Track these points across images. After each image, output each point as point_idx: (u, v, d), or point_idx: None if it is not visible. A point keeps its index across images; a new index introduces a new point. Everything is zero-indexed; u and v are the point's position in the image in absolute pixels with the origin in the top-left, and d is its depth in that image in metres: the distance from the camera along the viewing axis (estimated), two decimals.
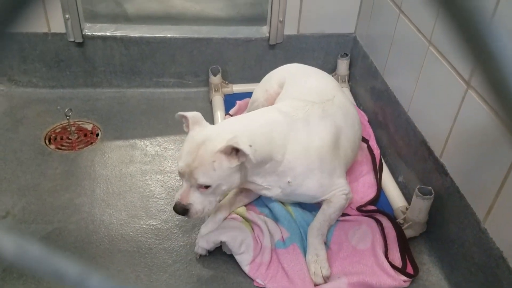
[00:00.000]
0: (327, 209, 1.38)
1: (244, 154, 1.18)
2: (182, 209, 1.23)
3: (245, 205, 1.46)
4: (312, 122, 1.36)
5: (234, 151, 1.20)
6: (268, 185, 1.34)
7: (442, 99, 1.36)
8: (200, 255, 1.35)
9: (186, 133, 1.29)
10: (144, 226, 1.46)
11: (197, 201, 1.23)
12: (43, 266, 0.25)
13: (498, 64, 0.23)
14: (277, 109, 1.39)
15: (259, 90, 1.68)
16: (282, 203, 1.45)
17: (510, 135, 1.08)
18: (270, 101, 1.62)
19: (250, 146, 1.19)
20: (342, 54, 2.07)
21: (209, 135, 1.22)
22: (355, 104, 1.95)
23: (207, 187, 1.21)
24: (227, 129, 1.26)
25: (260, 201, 1.48)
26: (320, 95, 1.47)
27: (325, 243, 1.36)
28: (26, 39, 1.93)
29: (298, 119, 1.35)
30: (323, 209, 1.38)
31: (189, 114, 1.29)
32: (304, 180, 1.34)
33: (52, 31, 1.92)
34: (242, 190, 1.44)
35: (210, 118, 1.91)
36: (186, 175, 1.21)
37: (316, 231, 1.33)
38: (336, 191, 1.39)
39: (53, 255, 0.25)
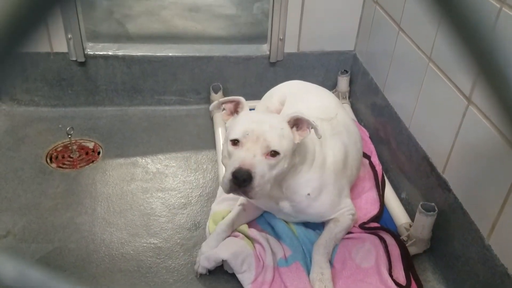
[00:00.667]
0: (334, 227, 1.37)
1: (307, 130, 1.19)
2: (247, 175, 1.09)
3: (247, 223, 1.44)
4: (324, 137, 1.37)
5: (295, 127, 1.21)
6: (285, 197, 1.32)
7: (443, 115, 1.36)
8: (201, 274, 1.33)
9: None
10: (144, 244, 1.45)
11: (261, 172, 1.11)
12: None
13: (500, 77, 0.23)
14: None
15: (260, 107, 1.69)
16: (285, 221, 1.44)
17: None
18: None
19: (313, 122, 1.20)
20: (342, 71, 2.08)
21: (267, 113, 1.26)
22: (356, 120, 1.96)
23: (274, 155, 1.14)
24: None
25: (262, 218, 1.47)
26: (324, 112, 1.48)
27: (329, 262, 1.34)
28: (28, 59, 1.95)
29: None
30: (329, 227, 1.37)
31: (239, 97, 1.28)
32: (319, 195, 1.33)
33: (55, 50, 1.94)
34: (245, 208, 1.43)
35: (211, 135, 1.92)
36: (251, 139, 1.13)
37: (322, 249, 1.32)
38: (344, 210, 1.39)
39: (55, 279, 0.24)
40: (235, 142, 1.16)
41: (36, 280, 0.24)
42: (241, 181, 1.10)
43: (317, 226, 1.45)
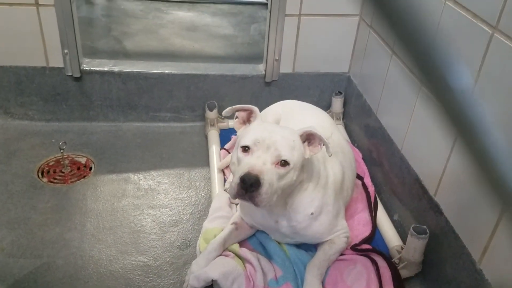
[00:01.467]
0: (328, 249, 1.36)
1: (319, 146, 1.19)
2: (255, 180, 1.08)
3: (238, 242, 1.43)
4: (322, 158, 1.37)
5: (306, 142, 1.21)
6: (287, 215, 1.31)
7: (435, 138, 1.37)
8: None
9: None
10: (133, 262, 1.43)
11: (269, 180, 1.11)
12: None
13: (477, 135, 0.25)
14: None
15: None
16: (277, 241, 1.43)
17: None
18: None
19: (327, 138, 1.20)
20: (336, 92, 2.10)
21: (279, 125, 1.26)
22: (349, 141, 1.97)
23: (284, 165, 1.14)
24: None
25: (254, 238, 1.46)
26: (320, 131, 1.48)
27: None
28: (23, 72, 1.96)
29: (313, 156, 1.34)
30: (324, 249, 1.36)
31: (253, 107, 1.29)
32: (319, 215, 1.33)
33: (50, 65, 1.95)
34: (238, 227, 1.42)
35: (205, 152, 1.92)
36: (260, 149, 1.14)
37: (316, 270, 1.31)
38: (340, 232, 1.39)
39: None
40: (245, 149, 1.16)
41: None
42: (248, 185, 1.09)
43: (309, 247, 1.44)
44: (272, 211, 1.31)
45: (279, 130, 1.21)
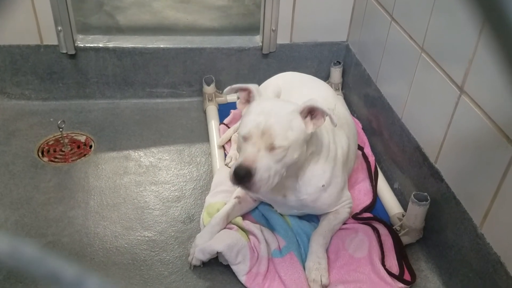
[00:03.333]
0: (333, 219, 1.38)
1: (322, 119, 1.17)
2: (246, 172, 1.10)
3: (241, 215, 1.44)
4: (331, 131, 1.36)
5: (309, 116, 1.19)
6: (297, 189, 1.31)
7: (436, 105, 1.37)
8: (194, 266, 1.33)
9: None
10: (139, 238, 1.44)
11: (264, 167, 1.12)
12: (38, 268, 0.24)
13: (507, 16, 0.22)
14: None
15: None
16: (280, 213, 1.44)
17: (504, 139, 1.08)
18: None
19: (329, 109, 1.17)
20: (335, 62, 2.08)
21: (278, 100, 1.21)
22: (349, 111, 1.96)
23: (280, 147, 1.14)
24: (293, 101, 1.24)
25: (256, 210, 1.47)
26: (324, 103, 1.46)
27: None
28: (18, 52, 1.92)
29: (322, 128, 1.33)
30: (329, 219, 1.38)
31: (251, 85, 1.25)
32: (328, 187, 1.34)
33: (45, 43, 1.92)
34: (241, 201, 1.42)
35: (204, 128, 1.91)
36: (254, 136, 1.14)
37: (322, 239, 1.33)
38: (344, 203, 1.41)
39: (49, 257, 0.24)
40: (244, 137, 1.17)
41: (29, 255, 0.24)
42: (240, 177, 1.11)
43: (312, 218, 1.45)
44: (282, 185, 1.30)
45: (276, 109, 1.17)
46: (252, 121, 1.16)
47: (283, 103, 1.24)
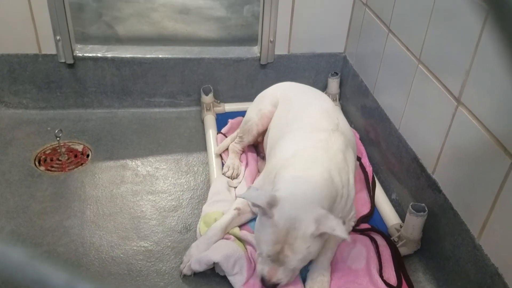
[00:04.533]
0: None
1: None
2: (272, 286, 1.22)
3: (239, 226, 1.44)
4: (345, 152, 1.36)
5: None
6: None
7: (433, 116, 1.37)
8: (185, 275, 1.32)
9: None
10: (135, 248, 1.43)
11: (285, 278, 1.22)
12: (26, 273, 0.23)
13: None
14: (319, 149, 1.32)
15: (253, 109, 1.68)
16: None
17: (501, 151, 1.08)
18: (264, 121, 1.62)
19: (337, 224, 1.14)
20: (332, 73, 2.09)
21: (292, 219, 1.14)
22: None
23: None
24: (304, 199, 1.17)
25: (253, 221, 1.46)
26: (328, 119, 1.44)
27: None
28: (16, 60, 1.93)
29: (336, 151, 1.33)
30: None
31: (259, 200, 1.15)
32: (344, 209, 1.35)
33: (43, 52, 1.92)
34: (240, 213, 1.42)
35: (202, 137, 1.91)
36: (273, 258, 1.19)
37: (330, 253, 1.33)
38: (351, 217, 1.41)
39: (37, 261, 0.23)
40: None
41: (17, 260, 0.23)
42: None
43: None
44: None
45: (291, 239, 1.15)
46: (271, 247, 1.17)
47: (298, 222, 1.13)
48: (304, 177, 1.24)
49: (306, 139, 1.36)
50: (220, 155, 1.75)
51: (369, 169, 1.70)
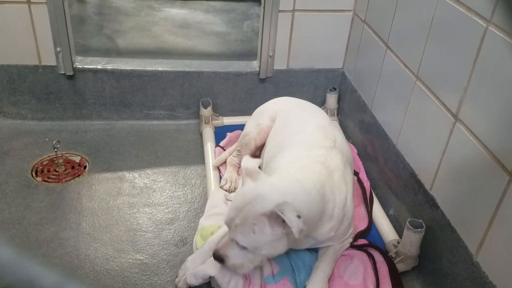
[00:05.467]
0: (339, 249, 1.37)
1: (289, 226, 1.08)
2: (218, 257, 1.22)
3: None
4: (343, 171, 1.34)
5: (280, 218, 1.10)
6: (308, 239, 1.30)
7: (430, 132, 1.38)
8: None
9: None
10: (130, 260, 1.42)
11: (235, 256, 1.19)
12: (13, 272, 0.22)
13: None
14: (319, 162, 1.30)
15: (251, 123, 1.68)
16: None
17: (499, 167, 1.08)
18: (263, 135, 1.62)
19: (299, 217, 1.08)
20: (330, 89, 2.10)
21: (259, 194, 1.14)
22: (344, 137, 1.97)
23: (244, 247, 1.17)
24: (281, 189, 1.17)
25: None
26: (324, 135, 1.44)
27: None
28: (16, 71, 1.94)
29: (334, 169, 1.31)
30: (335, 249, 1.36)
31: (244, 164, 1.22)
32: (339, 228, 1.32)
33: (43, 63, 1.93)
34: None
35: (200, 150, 1.91)
36: (229, 228, 1.19)
37: (329, 269, 1.31)
38: (351, 234, 1.41)
39: (26, 261, 0.22)
40: None
41: (5, 259, 0.22)
42: (217, 260, 1.22)
43: None
44: None
45: (246, 208, 1.14)
46: (228, 214, 1.20)
47: (262, 197, 1.14)
48: (298, 178, 1.22)
49: (304, 156, 1.34)
50: (218, 168, 1.75)
51: (366, 184, 1.70)
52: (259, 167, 1.27)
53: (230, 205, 1.21)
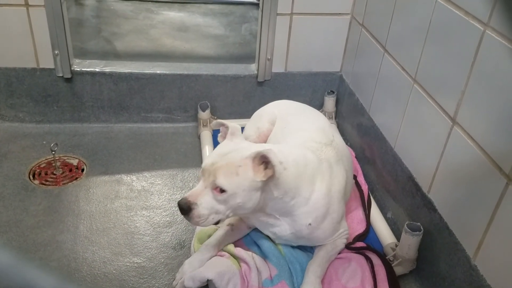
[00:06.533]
0: (331, 250, 1.37)
1: (272, 169, 1.14)
2: (186, 206, 1.16)
3: (233, 242, 1.43)
4: (332, 164, 1.36)
5: (263, 165, 1.16)
6: (281, 224, 1.31)
7: (428, 135, 1.38)
8: None
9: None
10: (128, 264, 1.42)
11: (205, 205, 1.16)
12: (10, 276, 0.22)
13: None
14: (310, 151, 1.34)
15: (251, 127, 1.68)
16: (272, 240, 1.43)
17: (497, 171, 1.09)
18: (262, 139, 1.63)
19: (281, 163, 1.14)
20: (328, 92, 2.11)
21: (244, 146, 1.22)
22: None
23: (222, 191, 1.15)
24: (264, 146, 1.24)
25: (248, 237, 1.45)
26: (323, 135, 1.45)
27: None
28: (14, 74, 1.93)
29: (324, 160, 1.34)
30: (326, 249, 1.36)
31: (230, 124, 1.28)
32: (321, 223, 1.32)
33: (41, 66, 1.93)
34: (233, 229, 1.41)
35: (198, 153, 1.91)
36: (206, 173, 1.17)
37: (320, 271, 1.31)
38: (342, 234, 1.40)
39: (24, 264, 0.22)
40: (200, 173, 1.22)
41: (3, 261, 0.22)
42: (181, 209, 1.18)
43: (305, 246, 1.44)
44: (266, 222, 1.33)
45: (232, 155, 1.18)
46: (208, 159, 1.21)
47: (245, 149, 1.20)
48: (285, 147, 1.32)
49: (297, 145, 1.38)
50: None
51: (364, 187, 1.70)
52: None
53: (211, 154, 1.23)
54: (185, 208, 1.16)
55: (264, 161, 1.16)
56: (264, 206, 1.24)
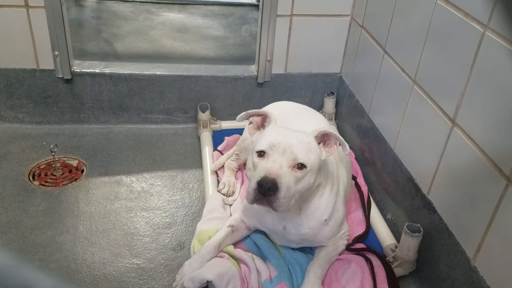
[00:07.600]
0: (332, 251, 1.37)
1: (334, 146, 1.19)
2: (272, 184, 1.06)
3: (233, 244, 1.42)
4: (333, 163, 1.37)
5: (322, 143, 1.21)
6: (299, 221, 1.30)
7: (428, 136, 1.38)
8: None
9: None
10: (127, 265, 1.41)
11: (287, 183, 1.09)
12: (10, 277, 0.22)
13: None
14: None
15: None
16: (272, 242, 1.43)
17: (497, 172, 1.09)
18: None
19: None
20: (328, 93, 2.11)
21: (293, 129, 1.23)
22: None
23: (301, 168, 1.12)
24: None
25: (248, 239, 1.45)
26: None
27: None
28: (13, 75, 1.93)
29: (329, 159, 1.35)
30: (328, 251, 1.37)
31: (269, 112, 1.27)
32: (329, 221, 1.33)
33: (41, 67, 1.93)
34: (234, 230, 1.41)
35: (198, 154, 1.91)
36: (275, 153, 1.12)
37: (321, 272, 1.31)
38: (343, 235, 1.40)
39: (23, 266, 0.22)
40: (261, 153, 1.15)
41: (2, 263, 0.22)
42: (266, 189, 1.08)
43: (305, 248, 1.44)
44: (283, 217, 1.30)
45: (294, 133, 1.20)
46: (272, 139, 1.16)
47: (298, 130, 1.23)
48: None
49: None
50: (216, 172, 1.74)
51: (364, 188, 1.70)
52: None
53: (269, 134, 1.19)
54: (270, 187, 1.07)
55: (322, 140, 1.21)
56: (308, 192, 1.23)
